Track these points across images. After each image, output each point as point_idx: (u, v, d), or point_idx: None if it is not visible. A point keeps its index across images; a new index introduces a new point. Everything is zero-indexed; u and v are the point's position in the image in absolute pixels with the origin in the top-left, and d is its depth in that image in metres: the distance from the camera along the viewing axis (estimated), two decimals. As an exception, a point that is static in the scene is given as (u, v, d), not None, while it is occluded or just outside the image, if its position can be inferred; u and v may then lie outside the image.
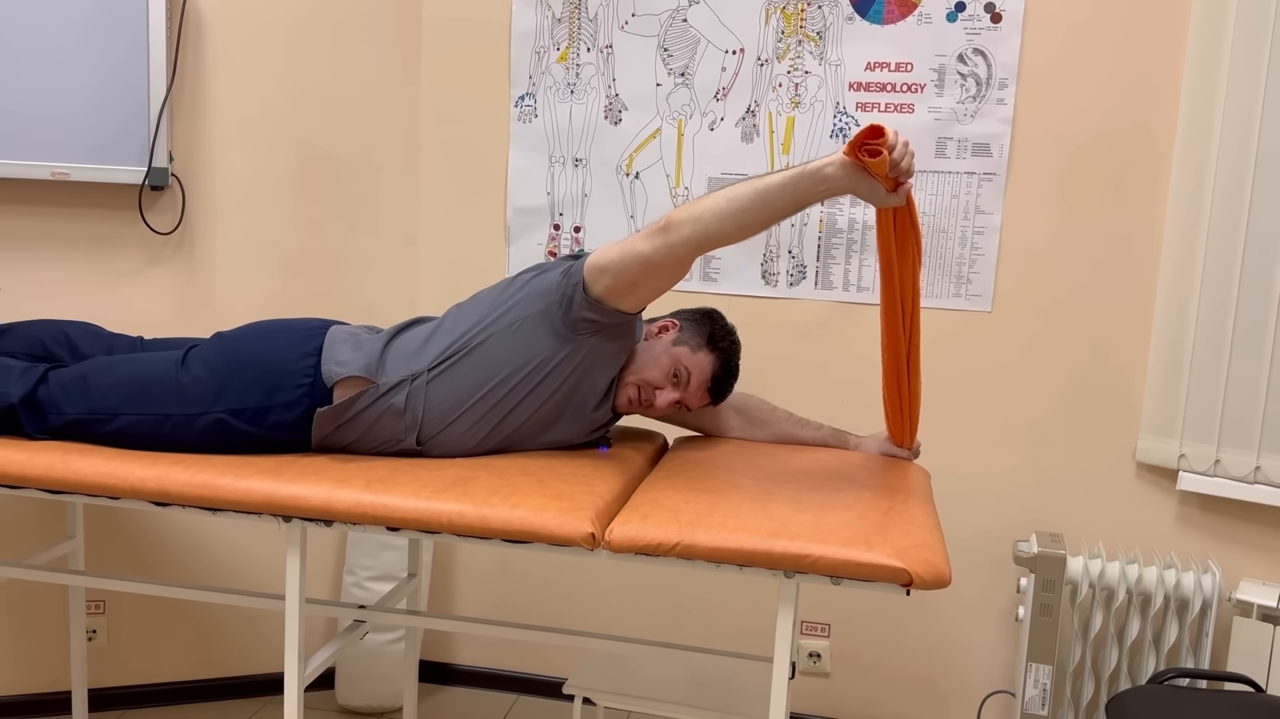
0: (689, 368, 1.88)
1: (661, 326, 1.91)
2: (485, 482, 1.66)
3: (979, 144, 2.38)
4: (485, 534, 1.57)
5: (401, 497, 1.60)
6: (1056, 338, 2.40)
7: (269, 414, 1.78)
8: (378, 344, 1.83)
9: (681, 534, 1.52)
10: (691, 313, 1.94)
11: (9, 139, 2.22)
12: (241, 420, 1.78)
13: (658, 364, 1.87)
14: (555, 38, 2.54)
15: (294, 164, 2.52)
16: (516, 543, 1.58)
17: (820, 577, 1.51)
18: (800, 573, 1.51)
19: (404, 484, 1.64)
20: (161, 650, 2.61)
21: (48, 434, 1.82)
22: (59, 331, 2.07)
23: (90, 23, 2.23)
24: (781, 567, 1.50)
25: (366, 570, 2.59)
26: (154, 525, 2.56)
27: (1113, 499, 2.40)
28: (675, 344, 1.89)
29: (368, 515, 1.60)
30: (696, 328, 1.91)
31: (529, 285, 1.81)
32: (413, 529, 1.60)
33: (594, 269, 1.72)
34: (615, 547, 1.54)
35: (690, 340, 1.89)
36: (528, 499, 1.60)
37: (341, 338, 1.84)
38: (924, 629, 2.55)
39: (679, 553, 1.52)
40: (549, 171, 2.59)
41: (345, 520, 1.62)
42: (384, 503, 1.60)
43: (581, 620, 2.71)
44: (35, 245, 2.36)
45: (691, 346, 1.89)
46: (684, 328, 1.91)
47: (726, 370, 1.92)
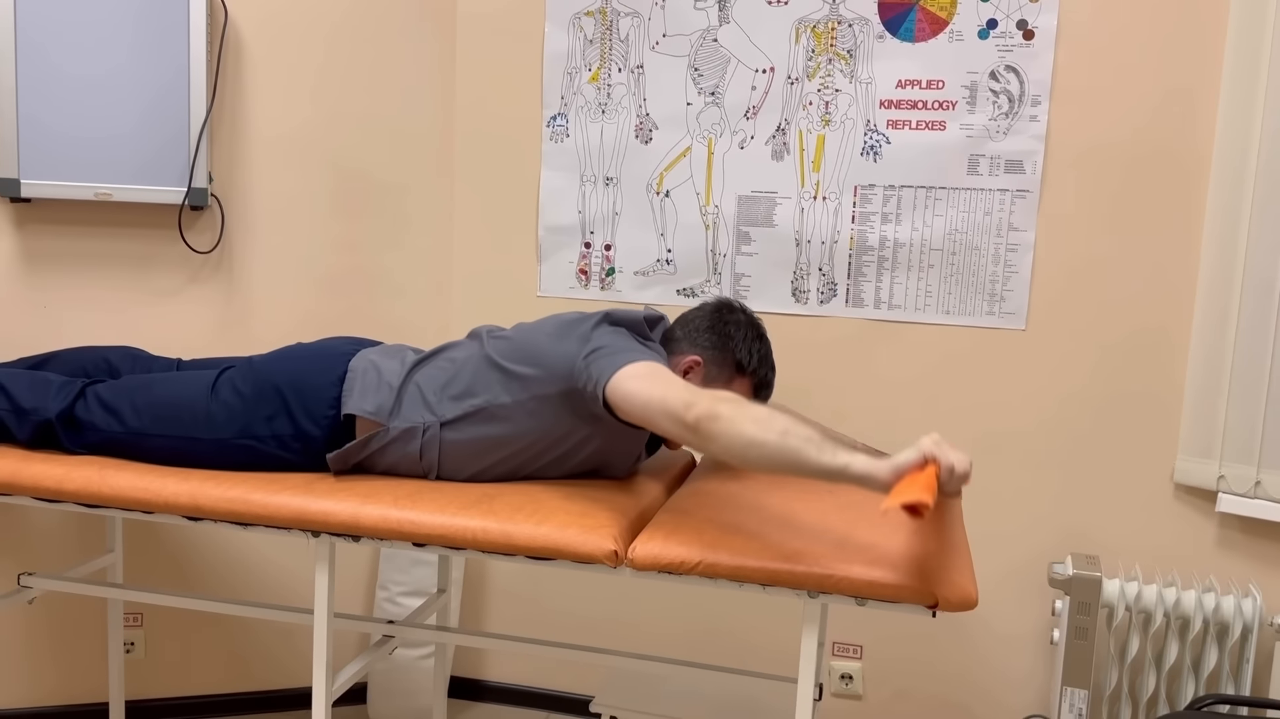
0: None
1: (685, 369, 1.83)
2: (510, 499, 1.67)
3: (1011, 161, 2.36)
4: (509, 551, 1.58)
5: (427, 513, 1.62)
6: (1092, 356, 2.37)
7: (296, 439, 1.80)
8: (397, 378, 1.81)
9: (704, 553, 1.52)
10: (707, 338, 1.85)
11: (55, 161, 2.27)
12: (269, 445, 1.80)
13: None
14: (587, 58, 2.56)
15: (330, 184, 2.56)
16: (540, 560, 1.59)
17: (845, 597, 1.50)
18: (824, 593, 1.50)
19: (430, 501, 1.66)
20: (198, 663, 2.65)
21: (85, 449, 1.86)
22: (100, 358, 2.12)
23: (133, 48, 2.29)
24: (805, 587, 1.50)
25: (399, 586, 2.61)
26: (192, 539, 2.60)
27: (1150, 521, 2.36)
28: (706, 383, 1.83)
29: (394, 531, 1.62)
30: (719, 358, 1.85)
31: (550, 356, 1.71)
32: (438, 545, 1.62)
33: (616, 395, 1.60)
34: (638, 565, 1.54)
35: (720, 375, 1.84)
36: (552, 516, 1.60)
37: (364, 368, 1.83)
38: (958, 652, 2.52)
39: (701, 572, 1.52)
40: (580, 190, 2.61)
41: (372, 536, 1.64)
42: (410, 519, 1.62)
43: (611, 638, 2.71)
44: (79, 264, 2.42)
45: (723, 382, 1.84)
46: (707, 363, 1.84)
47: (765, 384, 1.88)
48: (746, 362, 1.86)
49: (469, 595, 2.81)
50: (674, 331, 1.89)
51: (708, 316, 1.88)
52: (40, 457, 1.82)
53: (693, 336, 1.87)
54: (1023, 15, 2.32)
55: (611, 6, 2.53)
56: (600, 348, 1.65)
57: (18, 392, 1.88)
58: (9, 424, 1.87)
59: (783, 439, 1.43)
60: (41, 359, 2.12)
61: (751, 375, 1.85)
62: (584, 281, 2.63)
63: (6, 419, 1.87)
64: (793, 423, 1.46)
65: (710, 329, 1.87)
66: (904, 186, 2.42)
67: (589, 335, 1.70)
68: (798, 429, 1.44)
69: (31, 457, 1.81)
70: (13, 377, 1.93)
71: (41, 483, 1.75)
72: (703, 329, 1.87)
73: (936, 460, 1.40)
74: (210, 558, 2.61)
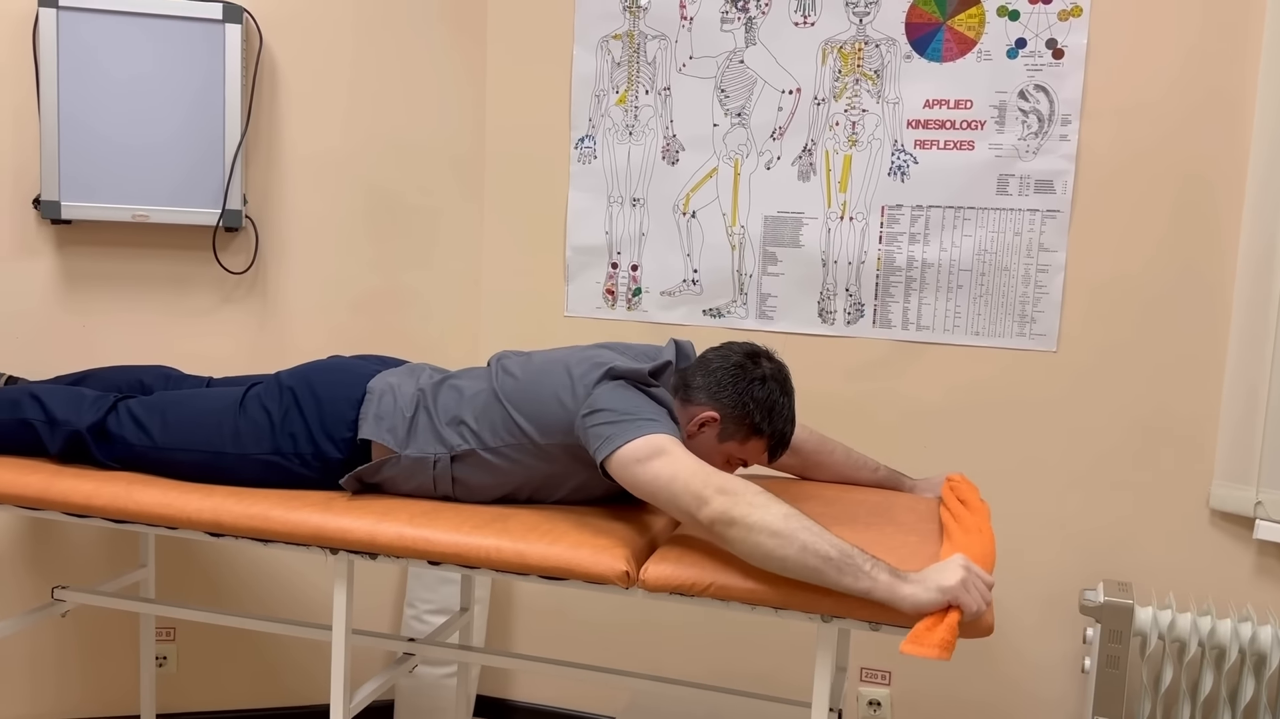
0: (742, 457, 1.80)
1: (700, 423, 1.76)
2: (524, 519, 1.68)
3: (1041, 181, 2.33)
4: (522, 570, 1.59)
5: (442, 531, 1.63)
6: (1125, 378, 2.32)
7: (318, 456, 1.83)
8: (410, 405, 1.82)
9: (716, 575, 1.51)
10: (729, 396, 1.76)
11: (94, 184, 2.33)
12: (292, 462, 1.83)
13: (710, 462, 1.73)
14: (615, 81, 2.58)
15: (362, 205, 2.60)
16: (553, 580, 1.59)
17: (858, 622, 1.48)
18: (837, 618, 1.49)
19: (445, 520, 1.67)
20: (230, 678, 2.68)
21: (115, 462, 1.90)
22: (134, 377, 2.17)
23: (170, 73, 2.34)
24: (817, 610, 1.48)
25: (426, 604, 2.63)
26: (224, 555, 2.63)
27: (1184, 548, 2.30)
28: (722, 440, 1.78)
29: (409, 549, 1.63)
30: (737, 417, 1.76)
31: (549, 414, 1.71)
32: (452, 563, 1.63)
33: (620, 473, 1.58)
34: (649, 586, 1.54)
35: (736, 434, 1.77)
36: (565, 536, 1.61)
37: (382, 390, 1.85)
38: (987, 678, 2.47)
39: (713, 594, 1.51)
40: (607, 211, 2.62)
41: (388, 553, 1.65)
42: (425, 537, 1.63)
43: (639, 658, 2.70)
44: (116, 284, 2.47)
45: (739, 440, 1.78)
46: (724, 419, 1.76)
47: (780, 443, 1.81)
48: (765, 426, 1.77)
49: (497, 614, 2.81)
50: (694, 377, 1.79)
51: (731, 371, 1.78)
52: (70, 472, 1.86)
53: (713, 389, 1.77)
54: (1052, 34, 2.30)
55: (639, 29, 2.55)
56: (600, 409, 1.62)
57: (53, 404, 1.94)
58: (42, 435, 1.92)
59: (801, 556, 1.42)
60: (77, 378, 2.17)
61: (769, 438, 1.79)
62: (610, 302, 2.64)
63: (40, 430, 1.92)
64: (814, 535, 1.43)
65: (733, 386, 1.76)
66: (932, 207, 2.40)
67: (590, 392, 1.67)
68: (819, 544, 1.42)
69: (62, 472, 1.85)
70: (49, 390, 1.99)
71: (70, 498, 1.79)
72: (725, 384, 1.77)
73: (959, 606, 1.40)
74: (242, 573, 2.65)
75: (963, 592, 1.40)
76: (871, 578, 1.42)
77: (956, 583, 1.40)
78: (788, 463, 2.08)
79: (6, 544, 2.48)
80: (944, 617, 1.39)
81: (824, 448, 2.07)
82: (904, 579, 1.43)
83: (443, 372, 1.93)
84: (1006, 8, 2.32)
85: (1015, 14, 2.32)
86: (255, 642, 2.68)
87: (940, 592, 1.40)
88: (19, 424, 1.94)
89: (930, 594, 1.40)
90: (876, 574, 1.42)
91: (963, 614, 1.40)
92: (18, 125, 2.37)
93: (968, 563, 1.44)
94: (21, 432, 1.94)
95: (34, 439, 1.93)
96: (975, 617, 1.41)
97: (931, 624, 1.39)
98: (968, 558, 1.47)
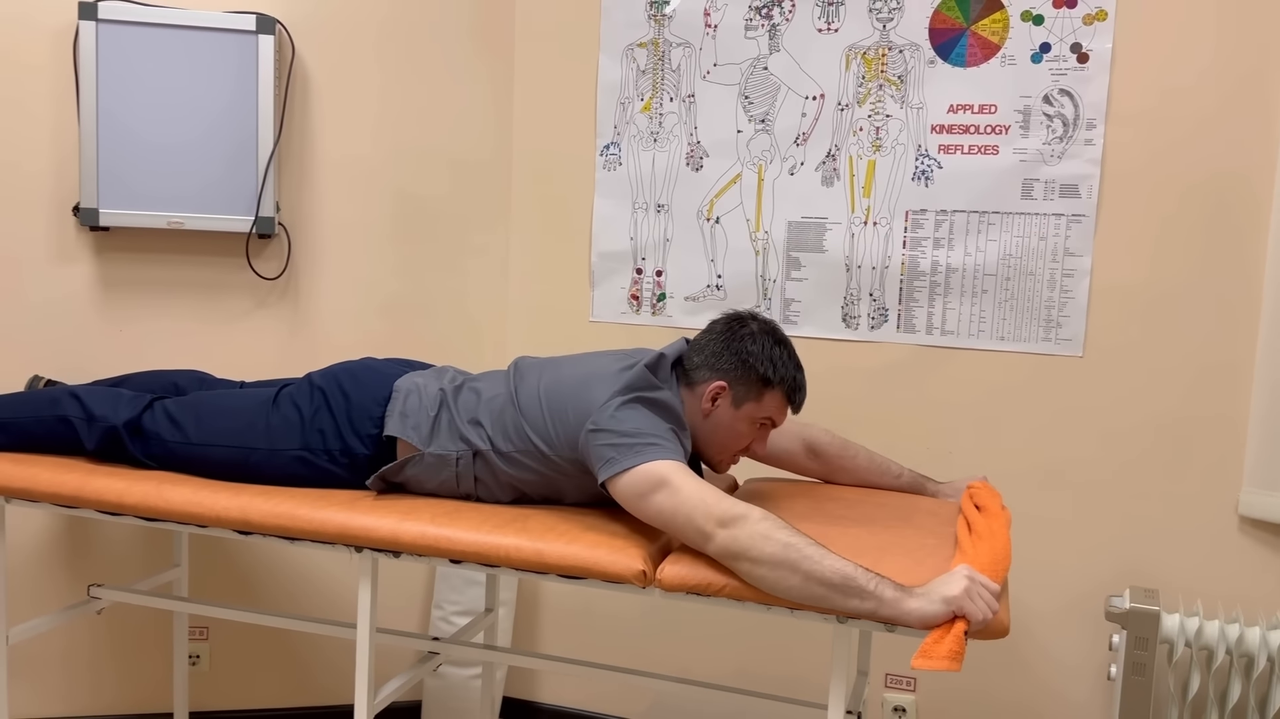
0: (767, 416, 1.82)
1: (712, 396, 1.80)
2: (543, 519, 1.70)
3: (1067, 185, 2.33)
4: (541, 569, 1.61)
5: (463, 530, 1.66)
6: (1152, 383, 2.31)
7: (345, 452, 1.87)
8: (435, 404, 1.86)
9: (731, 575, 1.52)
10: (726, 361, 1.80)
11: (131, 192, 2.39)
12: (321, 459, 1.88)
13: (738, 433, 1.81)
14: (639, 88, 2.61)
15: (392, 211, 2.64)
16: (571, 579, 1.61)
17: (875, 624, 1.49)
18: (853, 618, 1.49)
19: (466, 519, 1.69)
20: (262, 677, 2.72)
21: (152, 459, 1.95)
22: (169, 381, 2.24)
23: (205, 83, 2.40)
24: (833, 611, 1.49)
25: (453, 605, 2.66)
26: (256, 554, 2.68)
27: (1213, 554, 2.28)
28: (738, 405, 1.80)
29: (431, 547, 1.66)
30: (743, 377, 1.79)
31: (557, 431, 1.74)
32: (473, 562, 1.65)
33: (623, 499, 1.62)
34: (666, 585, 1.55)
35: (749, 394, 1.80)
36: (583, 536, 1.63)
37: (408, 389, 1.89)
38: (1012, 684, 2.46)
39: (729, 594, 1.52)
40: (632, 217, 2.64)
41: (411, 552, 1.68)
42: (446, 535, 1.65)
43: (662, 662, 2.71)
44: (152, 290, 2.53)
45: (754, 399, 1.80)
46: (733, 384, 1.80)
47: (795, 387, 1.82)
48: (771, 374, 1.79)
49: (523, 616, 2.84)
50: (692, 360, 1.84)
51: (720, 337, 1.83)
52: (104, 470, 1.91)
53: (711, 362, 1.81)
54: (1077, 39, 2.29)
55: (664, 37, 2.58)
56: (604, 430, 1.65)
57: (91, 402, 2.01)
58: (80, 431, 1.98)
59: (805, 586, 1.47)
60: (114, 383, 2.23)
61: (780, 385, 1.80)
62: (635, 307, 2.66)
63: (78, 426, 1.98)
64: (814, 564, 1.46)
65: (727, 350, 1.81)
66: (956, 211, 2.40)
67: (597, 409, 1.69)
68: (820, 571, 1.46)
69: (96, 470, 1.90)
70: (88, 390, 2.06)
71: (104, 496, 1.83)
72: (720, 352, 1.81)
73: (965, 615, 1.43)
74: (274, 573, 2.69)
75: (967, 601, 1.43)
76: (876, 597, 1.45)
77: (960, 593, 1.43)
78: (811, 467, 2.09)
79: (46, 542, 2.54)
80: (950, 627, 1.41)
81: (847, 452, 2.08)
82: (908, 594, 1.46)
83: (466, 374, 1.97)
84: (1031, 12, 2.32)
85: (1040, 18, 2.31)
86: (288, 641, 2.72)
87: (945, 603, 1.43)
88: (58, 421, 2.00)
89: (935, 606, 1.43)
90: (881, 592, 1.45)
91: (969, 623, 1.42)
92: (58, 135, 2.44)
93: (971, 572, 1.47)
94: (60, 428, 2.00)
95: (72, 436, 1.99)
96: (981, 624, 1.43)
97: (939, 637, 1.41)
98: (972, 568, 1.49)
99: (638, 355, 1.84)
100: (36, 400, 2.07)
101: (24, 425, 2.04)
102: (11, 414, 2.05)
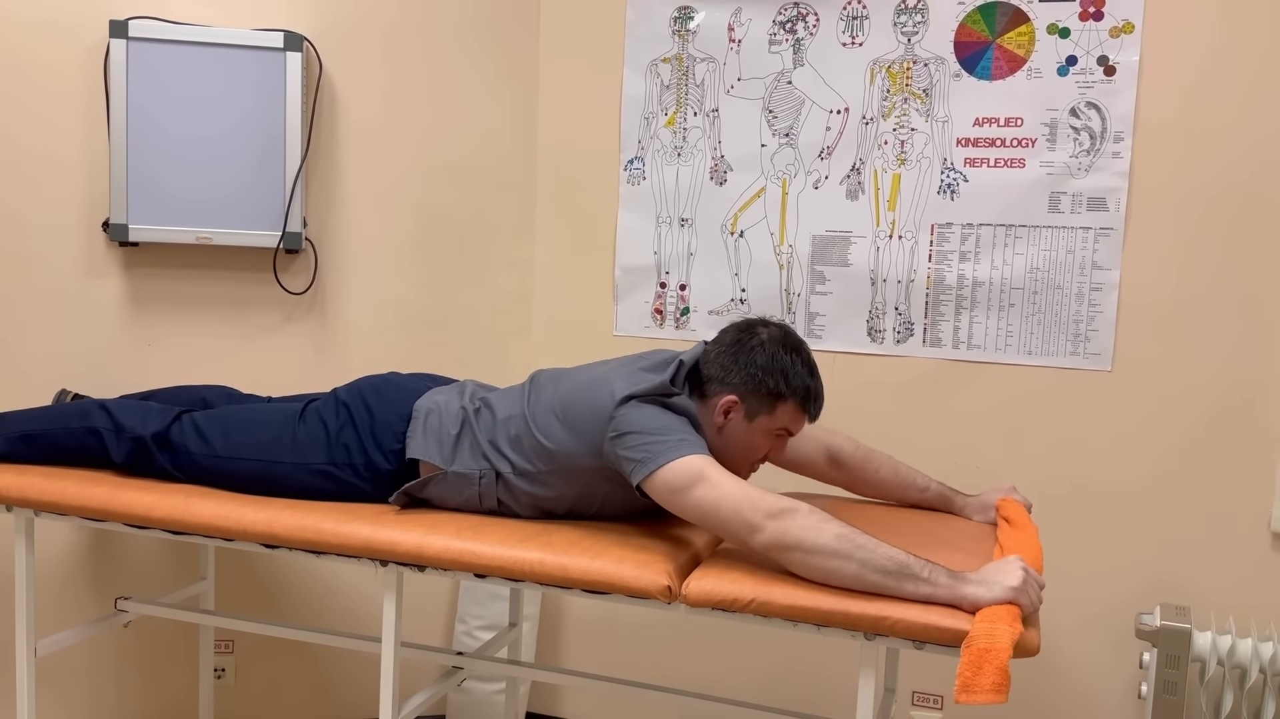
0: (782, 426, 1.79)
1: (725, 410, 1.76)
2: (568, 534, 1.70)
3: (1094, 198, 2.31)
4: (565, 584, 1.60)
5: (487, 544, 1.65)
6: (1182, 398, 2.28)
7: (369, 467, 1.88)
8: (456, 422, 1.86)
9: (758, 591, 1.51)
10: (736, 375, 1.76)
11: (160, 208, 2.42)
12: (346, 473, 1.88)
13: (754, 445, 1.79)
14: (664, 103, 2.61)
15: (418, 227, 2.65)
16: (596, 594, 1.60)
17: (902, 640, 1.47)
18: (880, 635, 1.48)
19: (491, 534, 1.69)
20: (287, 690, 2.72)
21: (179, 471, 1.97)
22: (197, 396, 2.26)
23: (234, 100, 2.42)
24: (859, 628, 1.47)
25: (477, 620, 2.66)
26: (283, 568, 2.69)
27: (1245, 572, 2.25)
28: (751, 419, 1.76)
29: (455, 561, 1.66)
30: (754, 391, 1.75)
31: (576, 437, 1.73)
32: (498, 576, 1.65)
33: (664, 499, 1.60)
34: (691, 601, 1.54)
35: (761, 407, 1.76)
36: (608, 551, 1.62)
37: (429, 408, 1.89)
38: (1042, 702, 2.43)
39: (754, 609, 1.51)
40: (656, 231, 2.64)
41: (436, 566, 1.68)
42: (471, 549, 1.65)
43: (688, 679, 2.69)
44: (180, 305, 2.55)
45: (766, 412, 1.76)
46: (744, 398, 1.75)
47: (809, 397, 1.78)
48: (783, 387, 1.74)
49: (547, 630, 2.83)
50: (706, 372, 1.79)
51: (729, 350, 1.78)
52: (133, 484, 1.92)
53: (721, 375, 1.77)
54: (1104, 51, 2.28)
55: (688, 52, 2.58)
56: (628, 432, 1.64)
57: (120, 414, 2.03)
58: (108, 443, 1.99)
59: (860, 573, 1.48)
60: (141, 397, 2.25)
61: (793, 396, 1.76)
62: (659, 321, 2.66)
63: (107, 438, 2.00)
64: (869, 553, 1.48)
65: (735, 363, 1.76)
66: (983, 225, 2.39)
67: (613, 415, 1.67)
68: (876, 559, 1.47)
69: (124, 484, 1.91)
70: (117, 403, 2.09)
71: (133, 509, 1.84)
72: (729, 366, 1.76)
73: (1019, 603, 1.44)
74: (300, 587, 2.70)
75: (1023, 594, 1.45)
76: (931, 583, 1.46)
77: (1020, 583, 1.45)
78: (834, 476, 2.08)
79: (74, 555, 2.56)
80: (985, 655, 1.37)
81: (870, 462, 2.06)
82: (964, 580, 1.47)
83: (486, 388, 1.97)
84: (1057, 25, 2.31)
85: (1066, 31, 2.30)
86: (313, 655, 2.72)
87: (1009, 591, 1.44)
88: (87, 432, 2.02)
89: (995, 592, 1.44)
90: (935, 578, 1.47)
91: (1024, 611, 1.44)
92: (89, 151, 2.47)
93: (1024, 563, 1.48)
94: (89, 440, 2.02)
95: (100, 448, 2.01)
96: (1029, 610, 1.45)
97: (974, 668, 1.37)
98: (1022, 558, 1.50)
99: (653, 357, 1.83)
100: (66, 413, 2.08)
101: (53, 437, 2.06)
102: (41, 426, 2.07)
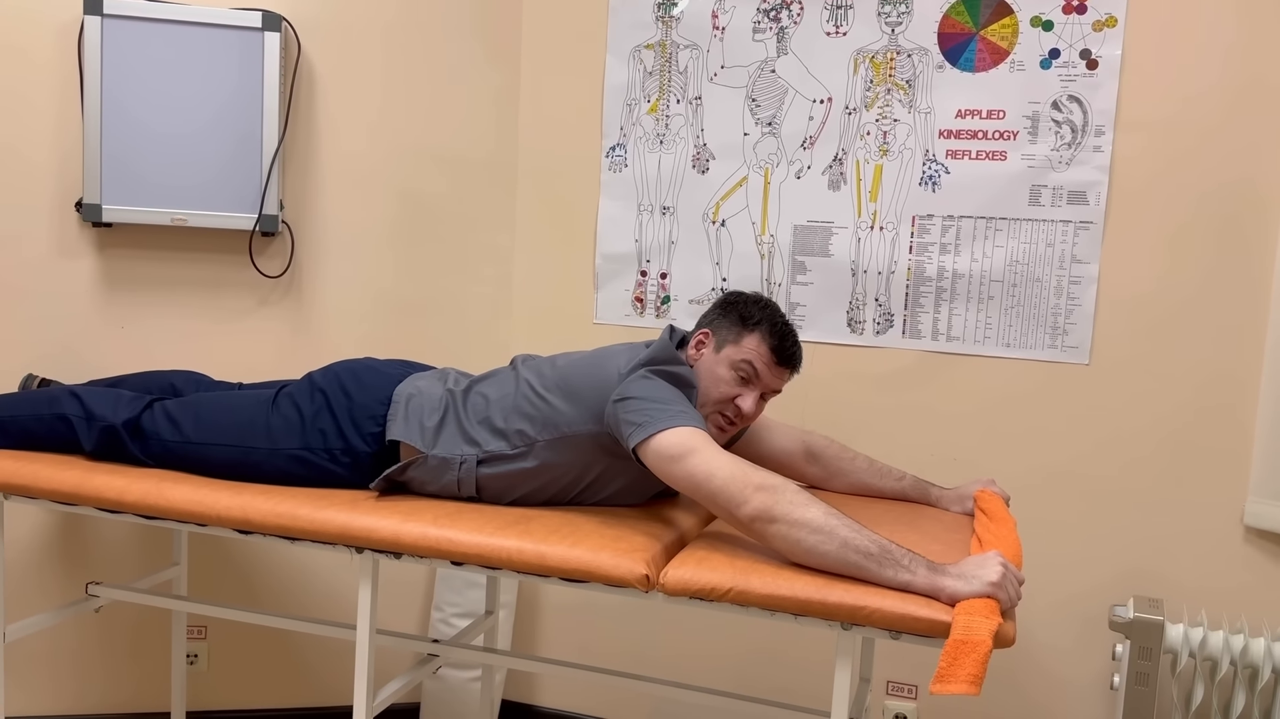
0: (746, 359, 1.80)
1: (696, 344, 1.86)
2: (546, 521, 1.69)
3: (1074, 192, 2.31)
4: (543, 572, 1.60)
5: (464, 532, 1.64)
6: (1158, 392, 2.29)
7: (347, 451, 1.86)
8: (439, 407, 1.86)
9: (735, 580, 1.51)
10: (712, 312, 1.89)
11: (134, 188, 2.38)
12: (321, 458, 1.86)
13: (718, 379, 1.81)
14: (646, 90, 2.60)
15: (397, 211, 2.63)
16: (573, 582, 1.60)
17: (878, 630, 1.47)
18: (857, 625, 1.48)
19: (469, 521, 1.68)
20: (260, 676, 2.71)
21: (151, 458, 1.94)
22: (165, 382, 2.23)
23: (210, 81, 2.39)
24: (837, 617, 1.47)
25: (453, 607, 2.64)
26: (257, 554, 2.67)
27: (1217, 565, 2.27)
28: (719, 349, 1.83)
29: (432, 549, 1.65)
30: (725, 321, 1.85)
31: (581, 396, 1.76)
32: (475, 564, 1.64)
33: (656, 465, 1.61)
34: (669, 590, 1.54)
35: (729, 336, 1.83)
36: (586, 539, 1.61)
37: (409, 393, 1.89)
38: (1016, 693, 2.44)
39: (732, 598, 1.51)
40: (637, 219, 2.63)
41: (412, 553, 1.67)
42: (448, 537, 1.64)
43: (664, 668, 2.70)
44: (154, 287, 2.52)
45: (733, 341, 1.82)
46: (714, 329, 1.85)
47: (779, 333, 1.82)
48: (750, 316, 1.82)
49: (523, 618, 2.82)
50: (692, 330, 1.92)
51: (716, 304, 1.92)
52: (104, 468, 1.90)
53: (701, 322, 1.90)
54: (1086, 45, 2.28)
55: (671, 39, 2.57)
56: (630, 397, 1.66)
57: (91, 401, 2.00)
58: (79, 430, 1.97)
59: (842, 552, 1.48)
60: (110, 383, 2.22)
61: (757, 328, 1.81)
62: (639, 309, 2.65)
63: (77, 425, 1.97)
64: (853, 532, 1.49)
65: (714, 307, 1.90)
66: (963, 217, 2.39)
67: (623, 378, 1.71)
68: (858, 540, 1.48)
69: (96, 468, 1.89)
70: (89, 390, 2.05)
71: (104, 494, 1.82)
72: (710, 312, 1.91)
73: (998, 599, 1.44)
74: (274, 573, 2.68)
75: (1001, 589, 1.44)
76: (910, 571, 1.47)
77: (999, 578, 1.44)
78: (810, 472, 2.08)
79: (43, 540, 2.53)
80: (962, 647, 1.37)
81: (845, 455, 2.07)
82: (943, 572, 1.47)
83: (469, 376, 1.96)
84: (1040, 18, 2.31)
85: (1049, 24, 2.30)
86: (287, 641, 2.71)
87: (986, 585, 1.44)
88: (57, 419, 1.99)
89: (973, 587, 1.44)
90: (915, 568, 1.47)
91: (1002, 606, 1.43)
92: (61, 130, 2.43)
93: (1003, 559, 1.48)
94: (59, 427, 1.99)
95: (70, 435, 1.98)
96: (1007, 606, 1.44)
97: (953, 658, 1.37)
98: (1002, 554, 1.50)
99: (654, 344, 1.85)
100: (35, 399, 2.05)
101: (23, 423, 2.03)
102: (10, 412, 2.04)
